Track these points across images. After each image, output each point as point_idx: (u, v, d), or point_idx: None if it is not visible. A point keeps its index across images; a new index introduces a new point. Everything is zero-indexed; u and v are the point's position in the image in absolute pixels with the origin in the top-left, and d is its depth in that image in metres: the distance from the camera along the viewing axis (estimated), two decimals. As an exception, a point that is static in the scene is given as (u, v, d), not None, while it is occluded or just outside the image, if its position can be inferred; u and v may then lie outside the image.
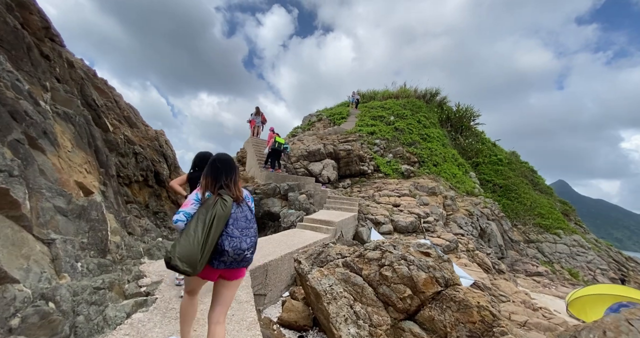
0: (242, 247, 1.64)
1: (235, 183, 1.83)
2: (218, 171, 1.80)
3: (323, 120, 19.51)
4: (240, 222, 1.71)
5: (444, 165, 16.06)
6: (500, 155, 23.54)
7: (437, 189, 11.38)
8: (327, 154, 12.52)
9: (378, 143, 15.65)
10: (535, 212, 17.97)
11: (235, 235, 1.65)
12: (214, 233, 1.56)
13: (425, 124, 19.43)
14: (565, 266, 14.01)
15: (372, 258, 2.84)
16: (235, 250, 1.61)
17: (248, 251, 1.69)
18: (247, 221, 1.74)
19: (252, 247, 1.71)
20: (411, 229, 7.96)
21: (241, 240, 1.65)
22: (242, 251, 1.64)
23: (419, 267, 2.48)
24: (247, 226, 1.72)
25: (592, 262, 14.73)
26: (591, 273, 14.23)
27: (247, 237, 1.69)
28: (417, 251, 2.69)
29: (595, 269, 14.35)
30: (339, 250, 3.40)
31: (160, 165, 8.13)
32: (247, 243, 1.67)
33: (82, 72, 6.10)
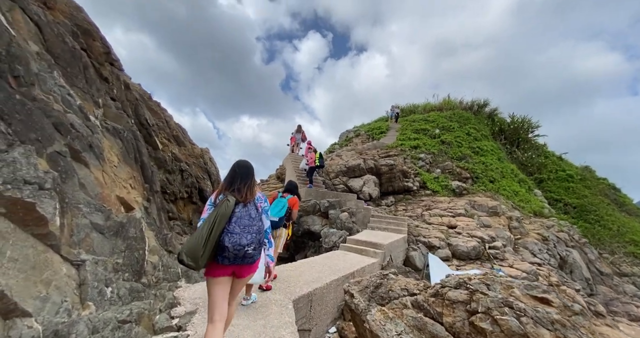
0: (242, 242, 1.71)
1: (248, 187, 1.91)
2: (235, 176, 1.92)
3: (361, 135, 19.00)
4: (244, 220, 1.78)
5: (503, 182, 14.20)
6: (570, 171, 20.37)
7: (499, 209, 9.85)
8: (368, 170, 11.82)
9: (423, 157, 14.52)
10: (627, 238, 14.71)
11: (236, 232, 1.72)
12: (216, 230, 1.66)
13: (476, 136, 17.76)
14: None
15: (456, 301, 2.11)
16: (234, 245, 1.69)
17: (248, 247, 1.74)
18: (250, 219, 1.81)
19: (252, 243, 1.76)
20: (474, 255, 6.75)
21: (241, 237, 1.72)
22: (241, 246, 1.70)
23: (538, 320, 1.70)
24: (249, 224, 1.79)
25: None
26: None
27: (248, 234, 1.75)
28: (527, 295, 1.90)
29: None
30: (403, 284, 2.71)
31: (204, 182, 8.23)
32: (247, 239, 1.74)
33: (137, 94, 6.50)
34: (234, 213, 1.78)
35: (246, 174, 1.96)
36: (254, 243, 1.77)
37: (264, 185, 12.74)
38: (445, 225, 8.54)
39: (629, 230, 15.41)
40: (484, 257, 6.81)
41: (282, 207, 3.52)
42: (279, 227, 3.55)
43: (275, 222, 3.43)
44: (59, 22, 3.92)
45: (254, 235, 1.78)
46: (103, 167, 3.11)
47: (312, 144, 11.18)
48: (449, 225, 8.49)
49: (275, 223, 3.44)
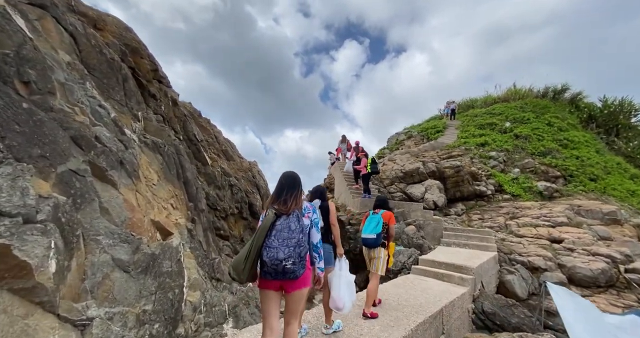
0: (279, 257, 1.62)
1: (295, 198, 1.85)
2: (282, 187, 1.88)
3: (414, 137, 17.33)
4: (283, 232, 1.70)
5: (609, 179, 11.18)
6: None
7: (620, 215, 7.46)
8: (429, 174, 10.33)
9: (495, 156, 12.35)
10: None
11: (274, 246, 1.65)
12: (256, 245, 1.65)
13: (561, 126, 14.70)
14: None
15: None
16: (271, 260, 1.61)
17: (286, 261, 1.62)
18: (289, 231, 1.70)
19: (291, 257, 1.63)
20: (603, 282, 4.89)
21: (278, 251, 1.63)
22: (278, 261, 1.61)
23: None
24: (288, 236, 1.68)
25: None
26: None
27: (285, 248, 1.64)
28: None
29: None
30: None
31: (253, 196, 7.90)
32: (285, 253, 1.63)
33: (186, 110, 6.47)
34: (274, 226, 1.72)
35: (292, 184, 1.90)
36: (293, 258, 1.64)
37: (314, 196, 12.13)
38: (546, 239, 6.65)
39: None
40: (619, 283, 4.90)
41: (377, 224, 3.15)
42: (377, 246, 3.15)
43: (372, 240, 3.14)
44: (108, 42, 3.83)
45: (292, 248, 1.65)
46: (137, 186, 2.66)
47: (360, 144, 10.26)
48: (551, 239, 6.59)
49: (372, 242, 3.14)
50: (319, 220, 1.96)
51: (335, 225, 2.59)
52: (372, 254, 3.21)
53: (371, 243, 3.15)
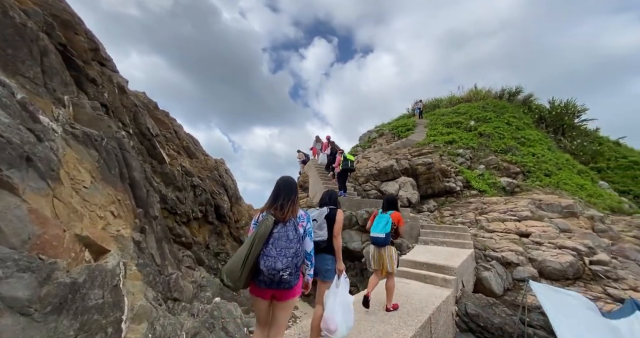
0: (277, 267, 1.56)
1: (292, 205, 1.79)
2: (279, 192, 1.83)
3: (385, 134, 17.52)
4: (281, 241, 1.64)
5: (561, 174, 12.15)
6: (634, 157, 17.61)
7: (576, 208, 8.01)
8: (402, 171, 10.35)
9: (462, 153, 12.82)
10: None
11: (272, 255, 1.59)
12: (254, 252, 1.58)
13: (518, 125, 15.76)
14: None
15: None
16: (269, 269, 1.56)
17: (284, 272, 1.57)
18: (287, 241, 1.65)
19: (288, 268, 1.58)
20: (571, 274, 5.09)
21: (276, 260, 1.57)
22: (276, 271, 1.56)
23: None
24: (286, 246, 1.63)
25: None
26: None
27: (283, 258, 1.59)
28: None
29: None
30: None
31: (220, 198, 7.19)
32: (283, 263, 1.57)
33: (138, 101, 5.60)
34: (272, 234, 1.66)
35: (289, 190, 1.85)
36: (290, 268, 1.58)
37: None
38: (514, 233, 6.88)
39: None
40: (585, 275, 5.13)
41: (386, 223, 3.24)
42: (386, 245, 3.24)
43: (381, 239, 3.22)
44: (27, 9, 2.99)
45: (289, 258, 1.59)
46: (56, 190, 2.01)
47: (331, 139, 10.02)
48: (519, 233, 6.83)
49: (381, 241, 3.23)
50: (312, 230, 1.89)
51: (337, 237, 2.33)
52: (382, 252, 3.26)
53: (380, 242, 3.24)
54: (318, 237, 2.25)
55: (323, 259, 2.31)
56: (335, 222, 2.37)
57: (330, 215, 2.37)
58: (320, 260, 2.29)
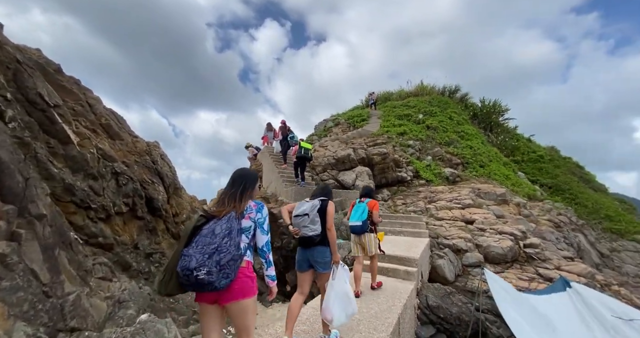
0: (190, 266, 1.34)
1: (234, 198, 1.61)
2: (228, 186, 1.71)
3: (341, 124, 17.41)
4: (206, 237, 1.44)
5: (492, 166, 13.64)
6: (540, 152, 20.93)
7: (507, 195, 8.96)
8: (359, 160, 10.28)
9: (412, 144, 13.39)
10: (602, 214, 15.18)
11: (188, 253, 1.39)
12: (175, 253, 1.44)
13: (459, 120, 17.18)
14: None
15: None
16: (182, 269, 1.36)
17: (199, 271, 1.33)
18: (212, 236, 1.44)
19: (204, 266, 1.34)
20: (510, 258, 5.56)
21: (191, 258, 1.36)
22: (189, 271, 1.34)
23: None
24: (209, 242, 1.42)
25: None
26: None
27: (200, 255, 1.36)
28: None
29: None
30: None
31: (153, 188, 5.99)
32: (197, 261, 1.35)
33: (23, 56, 4.07)
34: (199, 231, 1.47)
35: (238, 183, 1.67)
36: (207, 266, 1.34)
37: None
38: (460, 220, 7.33)
39: (601, 206, 15.97)
40: (521, 258, 5.65)
41: (363, 211, 3.43)
42: (364, 232, 3.46)
43: (359, 227, 3.41)
44: None
45: (206, 256, 1.36)
46: None
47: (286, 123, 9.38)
48: (465, 220, 7.30)
49: (359, 228, 3.42)
50: (264, 220, 1.66)
51: (330, 230, 2.33)
52: (363, 240, 3.46)
53: (358, 230, 3.43)
54: (312, 232, 2.24)
55: (318, 252, 2.29)
56: (327, 214, 2.35)
57: (321, 207, 2.35)
58: (316, 253, 2.29)
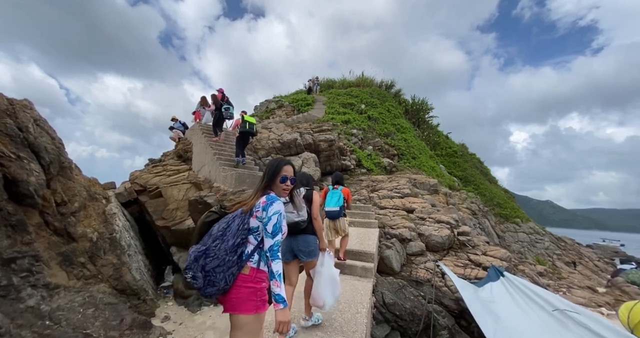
0: (185, 265, 1.30)
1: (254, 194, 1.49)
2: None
3: (285, 107, 16.39)
4: (206, 236, 1.37)
5: (422, 158, 14.91)
6: (454, 148, 24.17)
7: (438, 186, 9.79)
8: (306, 146, 9.69)
9: (355, 133, 13.48)
10: (495, 202, 18.55)
11: (190, 251, 1.32)
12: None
13: (395, 113, 18.17)
14: (530, 255, 14.38)
15: None
16: (184, 270, 1.30)
17: (186, 273, 1.27)
18: (207, 236, 1.36)
19: (189, 270, 1.26)
20: (447, 245, 5.94)
21: (188, 257, 1.30)
22: (185, 272, 1.29)
23: None
24: (204, 242, 1.34)
25: (549, 248, 15.59)
26: (550, 259, 14.98)
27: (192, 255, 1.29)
28: None
29: (552, 255, 15.17)
30: None
31: (20, 165, 4.16)
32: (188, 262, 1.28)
33: None
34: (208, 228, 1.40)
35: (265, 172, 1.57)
36: (192, 270, 1.26)
37: (159, 167, 8.70)
38: (402, 209, 7.58)
39: (495, 195, 19.49)
40: (455, 245, 6.10)
41: (339, 198, 3.67)
42: (340, 217, 3.70)
43: (336, 212, 3.66)
44: None
45: (192, 257, 1.29)
46: None
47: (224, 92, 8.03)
48: (406, 209, 7.58)
49: (336, 213, 3.67)
50: (268, 220, 1.36)
51: (317, 219, 2.37)
52: (337, 224, 3.74)
53: (335, 215, 3.67)
54: (298, 218, 2.20)
55: (302, 241, 2.30)
56: (313, 203, 2.39)
57: (307, 196, 2.40)
58: (300, 242, 2.30)
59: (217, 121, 8.20)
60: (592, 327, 2.49)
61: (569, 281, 9.42)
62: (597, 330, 2.43)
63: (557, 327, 2.75)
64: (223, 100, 7.96)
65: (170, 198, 7.42)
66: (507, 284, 3.90)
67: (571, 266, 14.75)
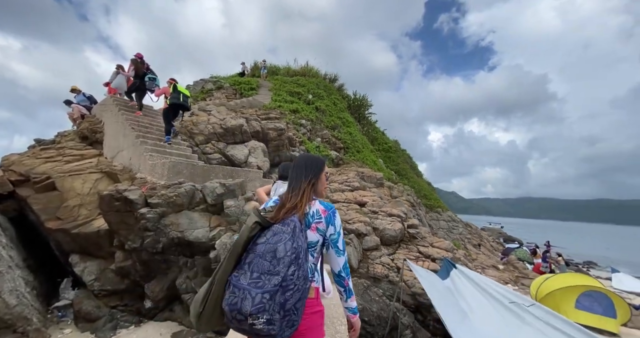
0: (243, 309, 0.90)
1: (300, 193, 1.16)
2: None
3: (225, 89, 14.68)
4: (264, 260, 0.96)
5: (365, 152, 15.46)
6: (389, 143, 26.08)
7: (383, 179, 10.16)
8: (253, 134, 8.74)
9: (304, 124, 12.99)
10: (422, 194, 20.79)
11: (240, 286, 0.94)
12: (220, 278, 1.00)
13: (341, 107, 18.34)
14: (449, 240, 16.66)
15: None
16: (232, 311, 0.93)
17: (255, 319, 0.89)
18: (273, 260, 0.95)
19: (263, 312, 0.89)
20: (399, 239, 6.08)
21: (245, 296, 0.91)
22: (242, 317, 0.90)
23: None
24: (268, 269, 0.94)
25: (462, 233, 18.33)
26: (462, 243, 17.64)
27: (257, 291, 0.91)
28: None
29: (464, 239, 17.90)
30: None
31: None
32: (254, 302, 0.89)
33: None
34: (255, 247, 1.00)
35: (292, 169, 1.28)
36: (268, 312, 0.89)
37: (52, 151, 6.54)
38: (354, 203, 7.52)
39: (422, 188, 21.84)
40: (405, 238, 6.30)
41: None
42: None
43: None
44: None
45: (267, 295, 0.90)
46: None
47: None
48: (357, 202, 7.55)
49: None
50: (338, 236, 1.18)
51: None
52: None
53: None
54: None
55: None
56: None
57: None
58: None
59: (136, 91, 6.57)
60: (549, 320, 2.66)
61: (479, 262, 11.09)
62: (555, 324, 2.61)
63: (515, 320, 2.90)
64: (143, 66, 6.40)
65: (69, 192, 5.64)
66: (462, 277, 4.10)
67: (477, 248, 17.57)
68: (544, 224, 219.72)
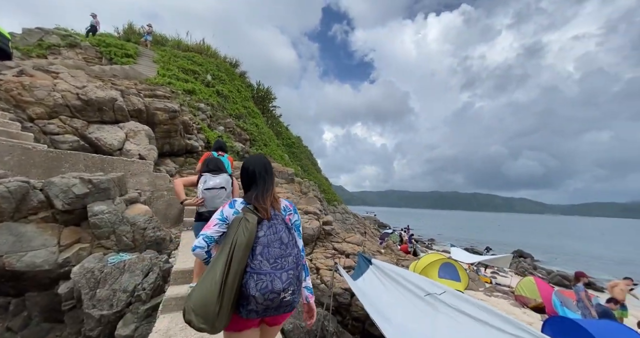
0: (275, 288, 1.10)
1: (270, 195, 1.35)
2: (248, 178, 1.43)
3: (83, 47, 10.74)
4: (273, 248, 1.17)
5: (272, 146, 14.86)
6: (293, 139, 26.43)
7: (294, 175, 9.89)
8: (133, 112, 6.59)
9: (203, 108, 11.11)
10: (322, 188, 22.05)
11: (264, 271, 1.11)
12: (235, 271, 1.09)
13: (245, 95, 16.92)
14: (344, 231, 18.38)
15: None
16: (265, 294, 1.08)
17: (285, 292, 1.11)
18: (282, 246, 1.19)
19: (291, 285, 1.13)
20: (316, 237, 5.88)
21: (273, 278, 1.11)
22: (275, 294, 1.09)
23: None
24: (282, 253, 1.17)
25: (353, 223, 20.61)
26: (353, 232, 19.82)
27: (282, 272, 1.13)
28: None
29: (354, 229, 20.18)
30: None
31: None
32: (283, 280, 1.11)
33: None
34: (257, 240, 1.17)
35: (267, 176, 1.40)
36: (293, 285, 1.14)
37: None
38: (267, 200, 6.87)
39: (321, 182, 23.20)
40: (322, 236, 6.18)
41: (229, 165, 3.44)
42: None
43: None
44: None
45: (290, 272, 1.14)
46: None
47: None
48: (271, 200, 6.93)
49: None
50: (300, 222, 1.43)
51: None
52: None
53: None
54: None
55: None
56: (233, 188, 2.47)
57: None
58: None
59: None
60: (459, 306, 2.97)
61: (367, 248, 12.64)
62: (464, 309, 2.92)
63: (430, 311, 3.13)
64: None
65: None
66: (377, 272, 4.19)
67: (364, 235, 20.04)
68: (403, 211, 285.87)
